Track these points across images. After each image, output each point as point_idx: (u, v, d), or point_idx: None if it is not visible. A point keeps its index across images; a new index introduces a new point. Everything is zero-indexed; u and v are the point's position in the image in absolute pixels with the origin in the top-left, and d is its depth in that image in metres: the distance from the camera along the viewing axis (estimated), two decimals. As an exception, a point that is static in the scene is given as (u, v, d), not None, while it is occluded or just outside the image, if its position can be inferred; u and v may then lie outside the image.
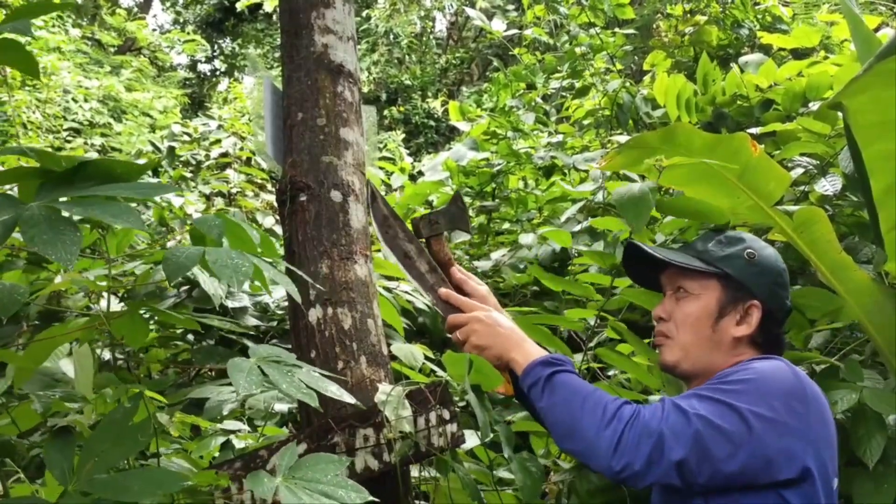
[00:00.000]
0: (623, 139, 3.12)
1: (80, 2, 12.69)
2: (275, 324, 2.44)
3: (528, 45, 5.86)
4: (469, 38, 15.28)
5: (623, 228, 1.98)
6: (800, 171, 2.37)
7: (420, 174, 4.75)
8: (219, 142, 5.51)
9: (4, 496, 1.21)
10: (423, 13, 14.27)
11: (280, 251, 1.55)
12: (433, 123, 13.34)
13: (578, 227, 3.03)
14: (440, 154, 4.69)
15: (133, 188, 1.03)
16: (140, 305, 1.46)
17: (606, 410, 1.24)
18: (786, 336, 1.52)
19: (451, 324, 1.50)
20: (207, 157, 5.44)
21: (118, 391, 1.34)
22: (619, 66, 4.47)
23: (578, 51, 4.35)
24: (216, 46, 16.41)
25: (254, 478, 0.99)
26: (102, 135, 8.36)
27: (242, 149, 5.45)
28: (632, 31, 4.84)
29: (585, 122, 4.39)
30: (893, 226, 1.65)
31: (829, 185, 2.26)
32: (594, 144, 4.15)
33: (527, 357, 1.38)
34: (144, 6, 16.76)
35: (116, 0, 14.42)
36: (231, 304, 2.30)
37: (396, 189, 4.65)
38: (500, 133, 4.10)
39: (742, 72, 3.32)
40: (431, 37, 15.42)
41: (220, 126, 5.70)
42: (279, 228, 1.86)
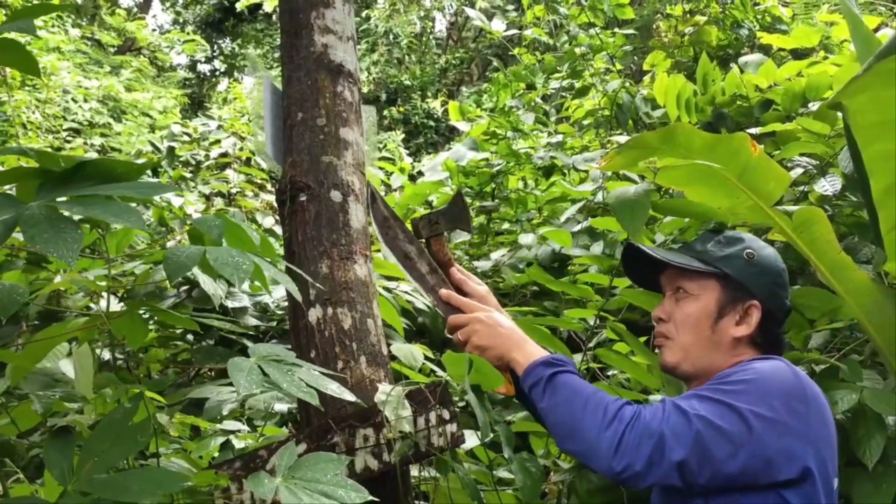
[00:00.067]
0: (623, 139, 3.12)
1: (80, 2, 12.69)
2: (274, 324, 2.45)
3: (528, 46, 5.86)
4: (469, 39, 15.28)
5: (622, 229, 1.98)
6: (799, 172, 2.37)
7: (420, 174, 4.75)
8: (218, 142, 5.51)
9: (4, 496, 1.21)
10: (423, 13, 14.28)
11: (280, 251, 1.55)
12: (433, 123, 13.35)
13: (578, 228, 3.03)
14: (440, 154, 4.69)
15: (133, 188, 1.03)
16: (140, 305, 1.46)
17: (607, 411, 1.24)
18: (785, 336, 1.51)
19: (452, 324, 1.50)
20: (207, 158, 5.44)
21: (118, 391, 1.34)
22: (619, 67, 4.47)
23: (578, 51, 4.35)
24: (216, 46, 16.41)
25: (254, 478, 0.99)
26: (102, 135, 8.37)
27: (242, 149, 5.45)
28: (631, 32, 4.84)
29: (585, 123, 4.39)
30: (893, 226, 1.65)
31: (829, 186, 2.25)
32: (594, 144, 4.15)
33: (528, 357, 1.38)
34: (144, 6, 16.76)
35: (116, 0, 14.42)
36: (231, 305, 2.31)
37: (396, 189, 4.65)
38: (500, 133, 4.10)
39: (742, 72, 3.32)
40: (431, 37, 15.42)
41: (220, 126, 5.70)
42: (279, 228, 1.86)
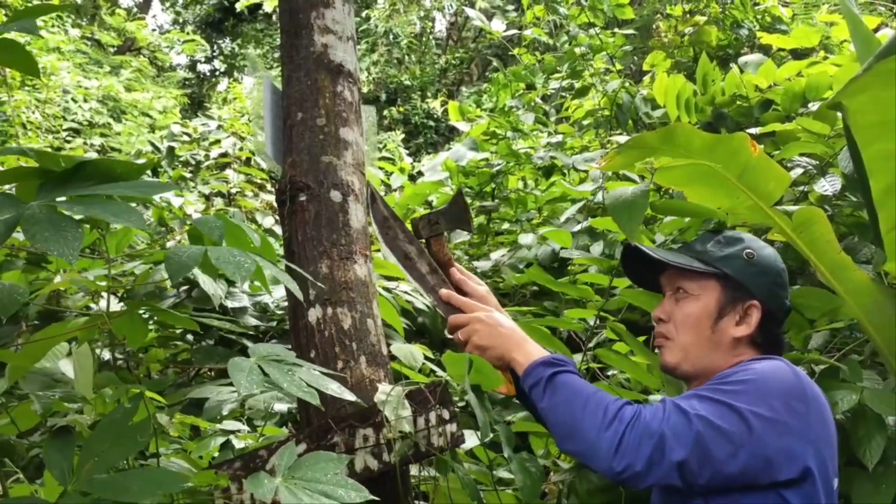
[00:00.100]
0: (622, 139, 3.12)
1: (80, 2, 12.68)
2: (274, 324, 2.44)
3: (528, 46, 5.86)
4: (469, 39, 15.28)
5: (619, 230, 1.99)
6: (799, 172, 2.37)
7: (419, 174, 4.74)
8: (218, 142, 5.51)
9: (4, 496, 1.21)
10: (423, 13, 14.27)
11: (279, 251, 1.55)
12: (433, 124, 13.35)
13: (578, 228, 3.03)
14: (440, 154, 4.69)
15: (133, 187, 1.03)
16: (139, 305, 1.46)
17: (608, 411, 1.23)
18: (785, 336, 1.51)
19: (453, 324, 1.50)
20: (207, 158, 5.44)
21: (118, 391, 1.34)
22: (619, 67, 4.47)
23: (578, 51, 4.35)
24: (216, 46, 16.41)
25: (253, 479, 0.99)
26: (102, 135, 8.36)
27: (242, 149, 5.45)
28: (631, 32, 4.84)
29: (585, 123, 4.39)
30: (893, 226, 1.65)
31: (829, 186, 2.25)
32: (594, 145, 4.15)
33: (528, 357, 1.38)
34: (144, 6, 16.76)
35: (116, 0, 14.41)
36: (230, 305, 2.31)
37: (396, 189, 4.65)
38: (500, 133, 4.10)
39: (741, 72, 3.32)
40: (431, 37, 15.42)
41: (220, 126, 5.70)
42: (279, 228, 1.86)
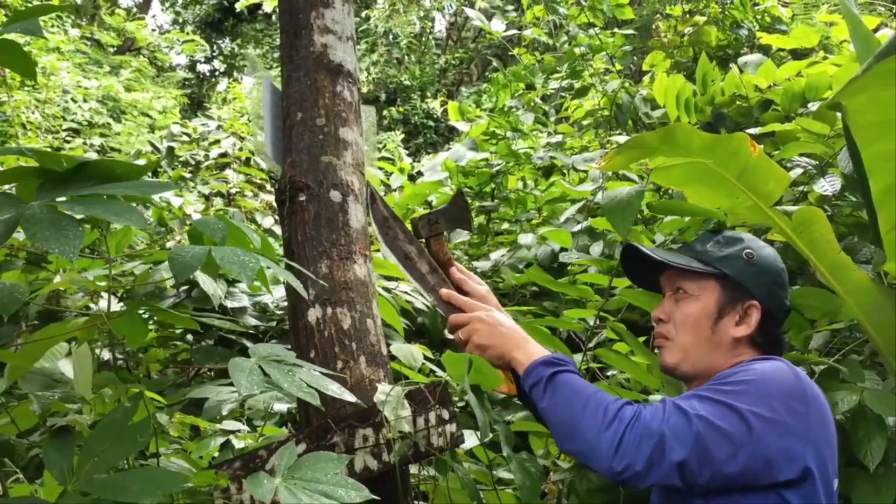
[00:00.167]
0: (622, 139, 3.12)
1: (80, 2, 12.68)
2: (274, 324, 2.44)
3: (528, 46, 5.86)
4: (468, 39, 15.28)
5: (613, 229, 2.00)
6: (799, 172, 2.37)
7: (419, 174, 4.74)
8: (218, 142, 5.51)
9: (4, 496, 1.21)
10: (423, 13, 14.28)
11: (279, 251, 1.55)
12: (432, 124, 13.35)
13: (578, 228, 3.03)
14: (439, 154, 4.69)
15: (133, 187, 1.03)
16: (139, 305, 1.46)
17: (608, 411, 1.23)
18: (785, 336, 1.51)
19: (453, 324, 1.50)
20: (206, 158, 5.44)
21: (117, 391, 1.34)
22: (619, 67, 4.47)
23: (578, 51, 4.35)
24: (215, 47, 16.41)
25: (253, 479, 0.99)
26: (101, 135, 8.36)
27: (241, 149, 5.45)
28: (631, 32, 4.84)
29: (585, 123, 4.39)
30: (893, 226, 1.65)
31: (828, 186, 2.25)
32: (593, 145, 4.16)
33: (529, 357, 1.38)
34: (143, 6, 16.76)
35: (116, 0, 14.41)
36: (230, 305, 2.30)
37: (395, 189, 4.65)
38: (500, 133, 4.10)
39: (741, 72, 3.32)
40: (430, 37, 15.42)
41: (220, 126, 5.70)
42: (278, 228, 1.86)
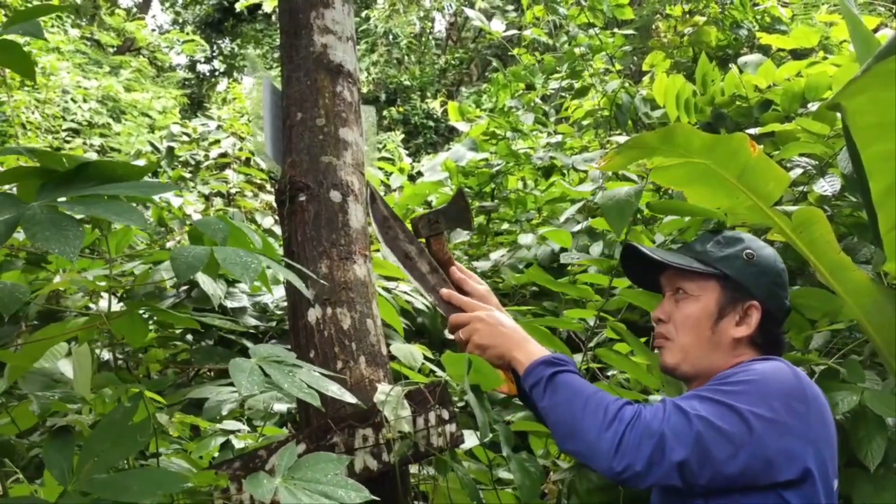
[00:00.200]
0: (622, 139, 3.12)
1: (80, 2, 12.68)
2: (273, 324, 2.44)
3: (528, 46, 5.86)
4: (468, 39, 15.28)
5: (609, 227, 2.01)
6: (799, 172, 2.37)
7: (419, 175, 4.75)
8: (218, 142, 5.51)
9: (4, 496, 1.21)
10: (423, 14, 14.28)
11: (279, 252, 1.55)
12: (432, 124, 13.35)
13: (578, 228, 3.03)
14: (439, 154, 4.69)
15: (134, 188, 1.03)
16: (139, 305, 1.46)
17: (608, 411, 1.23)
18: (786, 337, 1.51)
19: (453, 323, 1.50)
20: (206, 158, 5.44)
21: (117, 391, 1.34)
22: (619, 67, 4.47)
23: (577, 51, 4.35)
24: (215, 47, 16.41)
25: (253, 479, 0.99)
26: (101, 135, 8.36)
27: (241, 149, 5.46)
28: (631, 32, 4.84)
29: (584, 123, 4.39)
30: (892, 226, 1.64)
31: (828, 186, 2.25)
32: (593, 145, 4.15)
33: (529, 356, 1.38)
34: (143, 6, 16.76)
35: (115, 0, 14.41)
36: (230, 305, 2.30)
37: (395, 189, 4.65)
38: (500, 133, 4.10)
39: (741, 72, 3.32)
40: (430, 37, 15.42)
41: (220, 126, 5.70)
42: (278, 229, 1.86)
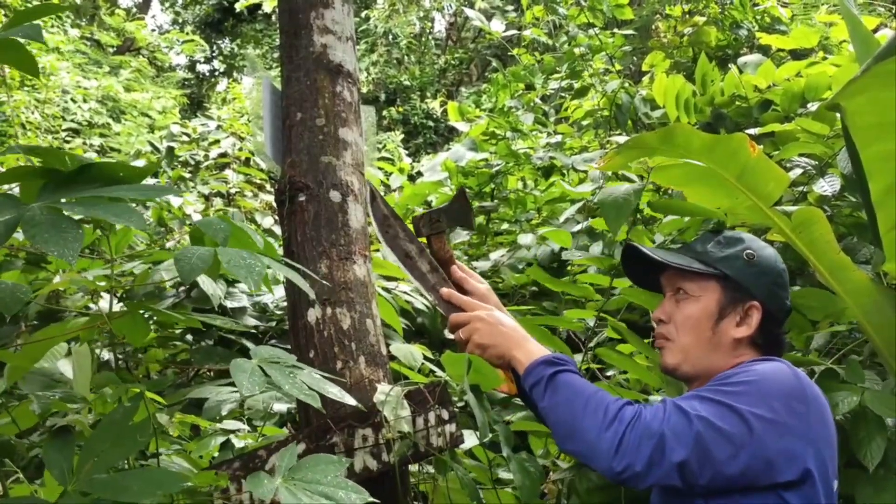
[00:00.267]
0: (622, 140, 3.12)
1: (80, 2, 12.68)
2: (273, 324, 2.44)
3: (527, 46, 5.86)
4: (468, 39, 15.28)
5: (606, 226, 2.01)
6: (798, 172, 2.37)
7: (419, 175, 4.75)
8: (217, 142, 5.51)
9: (4, 496, 1.21)
10: (422, 14, 14.28)
11: (279, 252, 1.55)
12: (432, 124, 13.35)
13: (577, 228, 3.03)
14: (439, 154, 4.69)
15: (135, 190, 1.03)
16: (139, 306, 1.46)
17: (608, 411, 1.23)
18: (786, 337, 1.51)
19: (453, 323, 1.50)
20: (206, 158, 5.44)
21: (117, 391, 1.34)
22: (618, 67, 4.47)
23: (577, 51, 4.35)
24: (215, 47, 16.41)
25: (253, 479, 0.99)
26: (101, 135, 8.37)
27: (241, 149, 5.45)
28: (631, 32, 4.84)
29: (584, 123, 4.39)
30: (892, 226, 1.65)
31: (828, 186, 2.25)
32: (593, 145, 4.16)
33: (529, 356, 1.38)
34: (143, 6, 16.76)
35: (115, 0, 14.41)
36: (230, 305, 2.30)
37: (395, 189, 4.65)
38: (499, 133, 4.10)
39: (741, 72, 3.32)
40: (430, 37, 15.43)
41: (219, 126, 5.70)
42: (278, 229, 1.86)
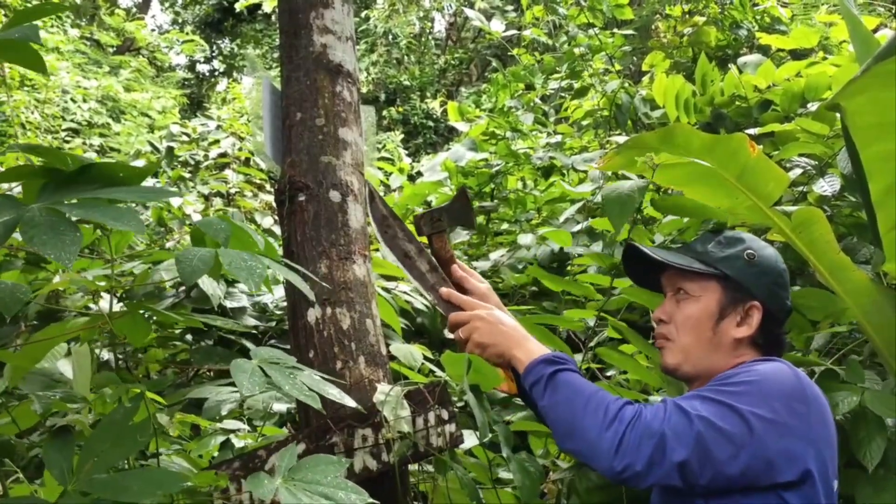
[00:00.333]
0: (622, 140, 3.12)
1: (80, 2, 12.68)
2: (273, 324, 2.44)
3: (527, 46, 5.86)
4: (468, 39, 15.28)
5: (609, 223, 2.00)
6: (798, 172, 2.37)
7: (419, 175, 4.75)
8: (217, 142, 5.51)
9: (4, 496, 1.21)
10: (422, 14, 14.28)
11: (279, 252, 1.55)
12: (432, 124, 13.35)
13: (577, 228, 3.03)
14: (439, 154, 4.69)
15: (134, 192, 1.03)
16: (139, 306, 1.46)
17: (608, 411, 1.23)
18: (787, 337, 1.51)
19: (453, 322, 1.50)
20: (206, 158, 5.44)
21: (117, 391, 1.34)
22: (618, 67, 4.47)
23: (577, 51, 4.35)
24: (215, 47, 16.41)
25: (253, 479, 0.99)
26: (101, 135, 8.37)
27: (241, 149, 5.46)
28: (630, 32, 4.84)
29: (584, 123, 4.39)
30: (892, 226, 1.65)
31: (828, 186, 2.25)
32: (593, 145, 4.16)
33: (529, 355, 1.38)
34: (143, 6, 16.77)
35: (115, 0, 14.41)
36: (229, 305, 2.30)
37: (395, 189, 4.65)
38: (499, 133, 4.10)
39: (740, 72, 3.32)
40: (430, 37, 15.43)
41: (219, 126, 5.70)
42: (278, 229, 1.86)
